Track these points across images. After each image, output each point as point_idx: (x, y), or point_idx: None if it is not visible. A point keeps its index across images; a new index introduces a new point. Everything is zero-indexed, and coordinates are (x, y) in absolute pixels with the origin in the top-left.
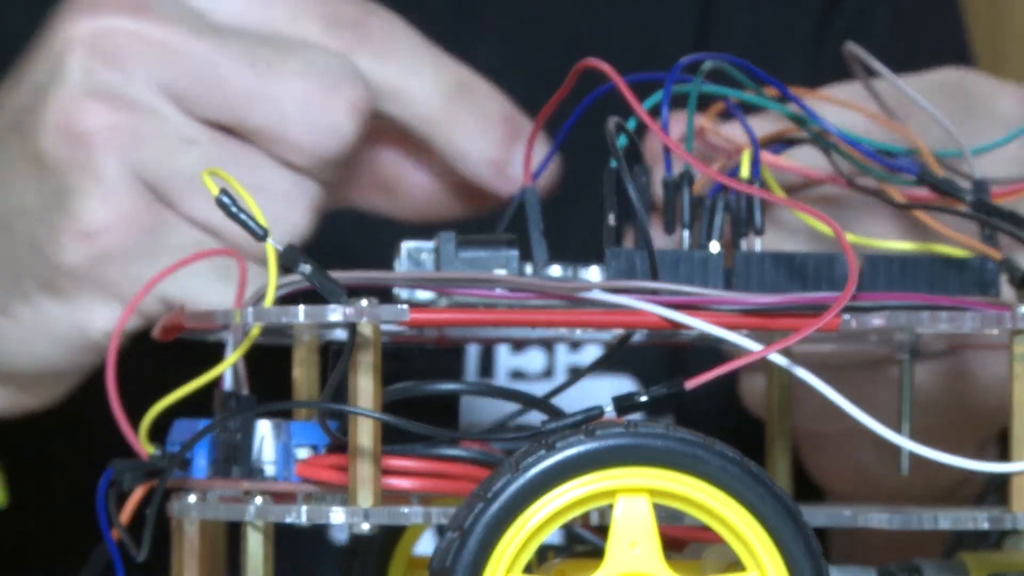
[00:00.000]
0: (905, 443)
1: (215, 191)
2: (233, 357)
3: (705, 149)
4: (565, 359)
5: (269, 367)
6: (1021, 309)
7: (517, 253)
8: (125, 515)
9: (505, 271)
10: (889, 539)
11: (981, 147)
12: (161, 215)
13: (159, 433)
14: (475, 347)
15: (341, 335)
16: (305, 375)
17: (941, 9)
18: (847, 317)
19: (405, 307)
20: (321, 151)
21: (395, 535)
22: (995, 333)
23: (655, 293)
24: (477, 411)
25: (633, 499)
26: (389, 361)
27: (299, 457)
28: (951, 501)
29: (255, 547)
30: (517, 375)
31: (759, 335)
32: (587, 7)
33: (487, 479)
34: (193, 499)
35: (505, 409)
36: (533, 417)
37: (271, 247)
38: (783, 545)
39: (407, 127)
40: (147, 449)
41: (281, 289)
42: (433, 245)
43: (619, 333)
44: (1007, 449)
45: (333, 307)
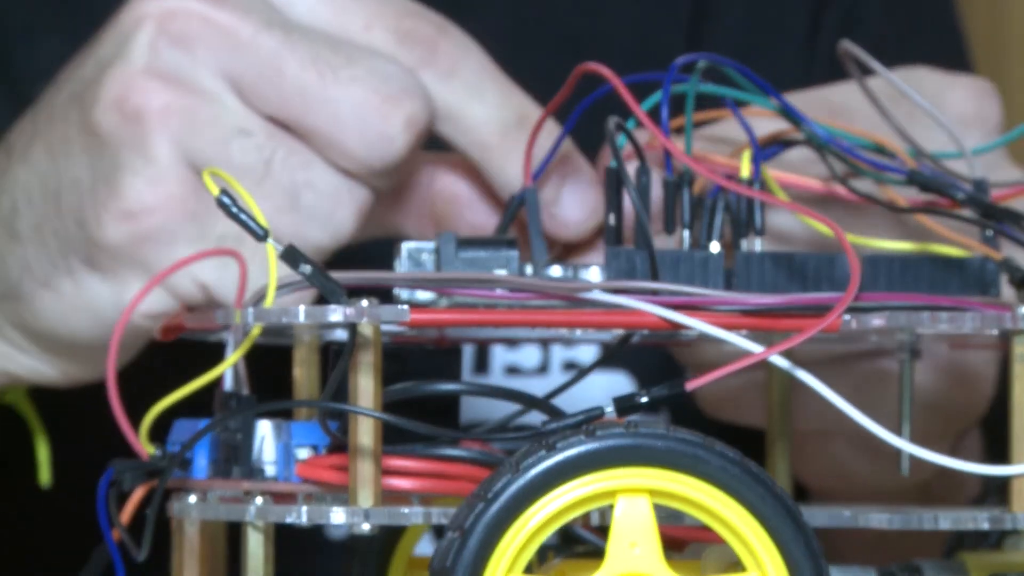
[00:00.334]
0: (904, 445)
1: (215, 191)
2: (234, 357)
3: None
4: (560, 355)
5: (269, 367)
6: (1021, 309)
7: (517, 253)
8: (125, 515)
9: (505, 271)
10: (882, 539)
11: (981, 147)
12: (208, 203)
13: (160, 433)
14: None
15: (341, 335)
16: (305, 375)
17: (935, 3)
18: (847, 317)
19: (405, 307)
20: (372, 160)
21: (395, 535)
22: (995, 333)
23: (655, 293)
24: (477, 411)
25: (633, 499)
26: (389, 361)
27: (299, 457)
28: (930, 493)
29: (255, 547)
30: (512, 371)
31: (756, 335)
32: (581, 5)
33: (487, 479)
34: (193, 499)
35: (505, 409)
36: (533, 417)
37: (271, 247)
38: (783, 545)
39: (461, 150)
40: (147, 449)
41: (282, 289)
42: (433, 245)
43: (619, 333)
44: (990, 439)
45: (333, 307)
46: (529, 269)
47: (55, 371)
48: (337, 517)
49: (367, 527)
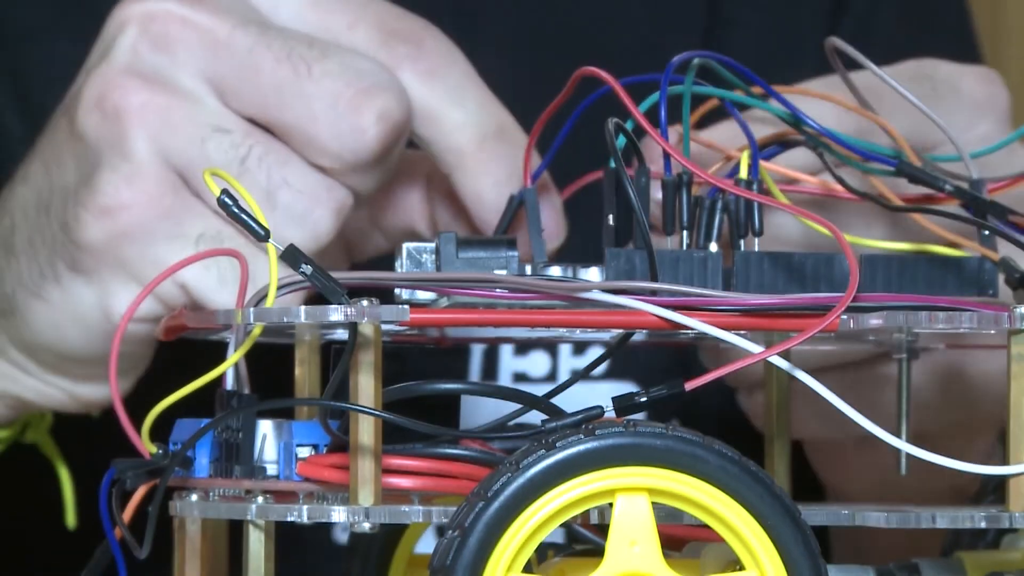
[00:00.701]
0: (904, 446)
1: (216, 191)
2: (235, 357)
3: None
4: (569, 362)
5: (270, 367)
6: (1019, 309)
7: (517, 254)
8: (127, 514)
9: (505, 271)
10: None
11: (980, 151)
12: (185, 201)
13: (161, 432)
14: (479, 350)
15: (342, 335)
16: (306, 374)
17: (949, 5)
18: (845, 317)
19: (405, 307)
20: (344, 153)
21: (396, 534)
22: (992, 333)
23: (654, 294)
24: (478, 411)
25: (633, 498)
26: (390, 361)
27: (300, 456)
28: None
29: (256, 546)
30: (520, 377)
31: (758, 335)
32: (593, 9)
33: (487, 478)
34: (195, 498)
35: (506, 409)
36: (533, 417)
37: (272, 247)
38: (782, 544)
39: (434, 154)
40: (149, 448)
41: (282, 289)
42: (434, 246)
43: (619, 333)
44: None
45: (334, 307)
46: (529, 269)
47: (61, 393)
48: (338, 516)
49: (368, 526)
